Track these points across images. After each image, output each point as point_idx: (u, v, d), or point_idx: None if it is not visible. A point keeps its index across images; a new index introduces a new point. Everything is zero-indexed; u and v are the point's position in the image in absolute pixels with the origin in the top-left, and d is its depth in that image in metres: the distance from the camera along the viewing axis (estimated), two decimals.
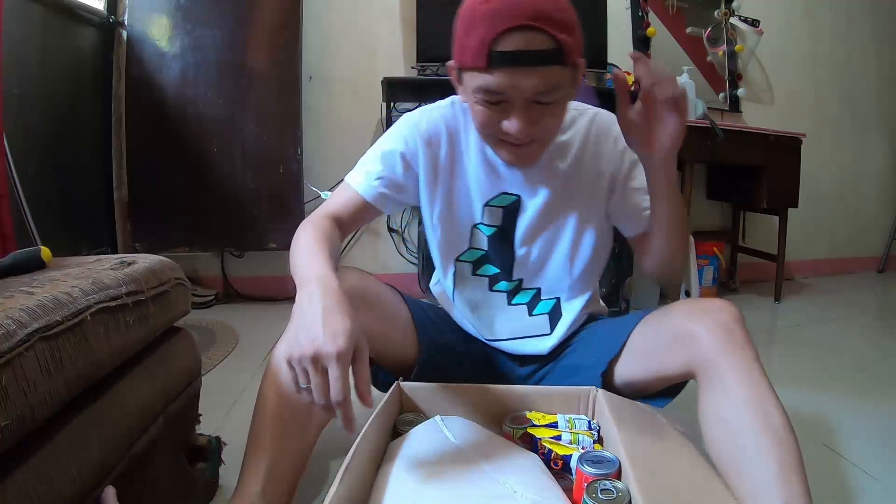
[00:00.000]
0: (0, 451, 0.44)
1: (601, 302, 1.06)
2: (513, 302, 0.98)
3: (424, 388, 0.86)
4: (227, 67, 2.06)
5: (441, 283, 1.01)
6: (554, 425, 0.80)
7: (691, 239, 2.31)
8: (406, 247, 2.37)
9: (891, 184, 3.20)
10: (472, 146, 0.89)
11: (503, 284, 0.97)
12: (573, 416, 0.82)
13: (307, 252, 0.73)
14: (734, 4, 2.65)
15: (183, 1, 2.02)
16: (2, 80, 1.38)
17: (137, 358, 0.70)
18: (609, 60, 2.39)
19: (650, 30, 2.50)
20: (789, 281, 2.83)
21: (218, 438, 0.91)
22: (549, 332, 0.99)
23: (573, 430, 0.78)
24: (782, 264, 2.44)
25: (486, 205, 0.90)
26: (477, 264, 0.96)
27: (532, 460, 0.71)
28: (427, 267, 1.18)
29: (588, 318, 1.02)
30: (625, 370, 0.87)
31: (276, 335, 0.65)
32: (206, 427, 0.94)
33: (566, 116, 0.83)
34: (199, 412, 0.90)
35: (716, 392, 0.70)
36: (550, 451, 0.75)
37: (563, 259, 0.93)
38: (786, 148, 2.37)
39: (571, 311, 0.98)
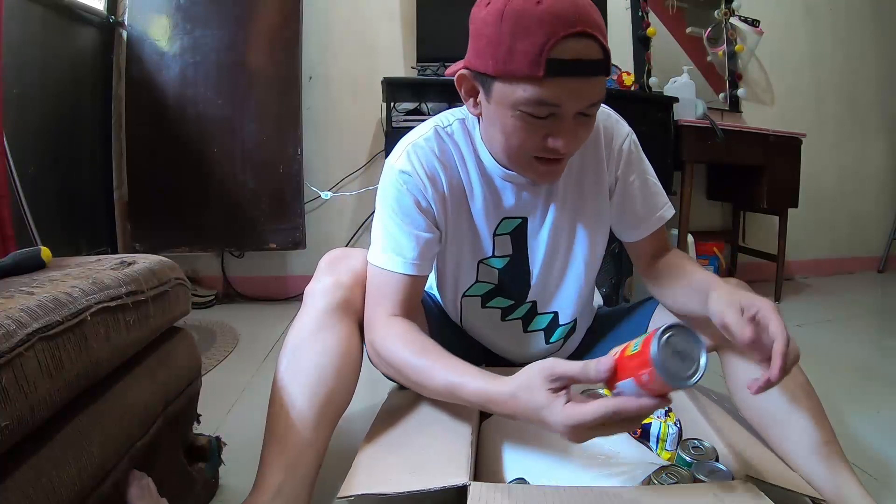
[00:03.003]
0: (0, 451, 0.44)
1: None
2: (529, 329, 0.94)
3: (500, 371, 0.91)
4: (227, 67, 2.06)
5: (448, 313, 0.98)
6: None
7: (691, 238, 2.32)
8: None
9: (891, 184, 3.20)
10: (473, 174, 0.82)
11: (518, 312, 0.93)
12: None
13: (427, 371, 0.70)
14: (734, 4, 2.65)
15: (183, 1, 2.01)
16: (2, 80, 1.38)
17: (137, 358, 0.70)
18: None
19: (650, 30, 2.50)
20: (789, 281, 2.82)
21: (218, 438, 0.91)
22: (559, 348, 0.98)
23: None
24: (782, 264, 2.44)
25: (494, 235, 0.85)
26: (486, 297, 0.92)
27: None
28: None
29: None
30: None
31: (277, 335, 0.66)
32: (206, 427, 0.93)
33: None
34: (199, 412, 0.90)
35: (747, 358, 0.79)
36: None
37: (579, 273, 0.90)
38: (786, 148, 2.37)
39: (584, 324, 0.99)
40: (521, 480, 0.67)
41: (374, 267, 0.79)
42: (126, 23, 2.02)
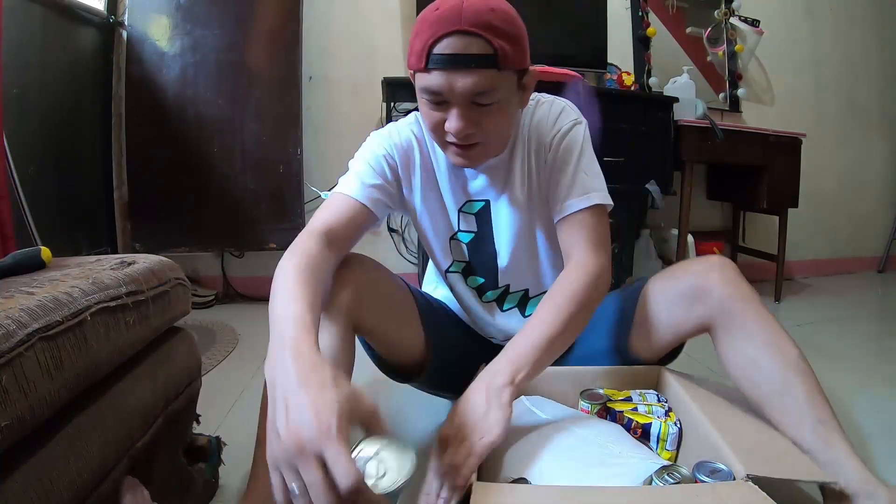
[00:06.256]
0: (0, 451, 0.44)
1: None
2: (504, 308, 0.99)
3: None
4: (227, 67, 2.06)
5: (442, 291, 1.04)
6: (629, 399, 0.87)
7: (691, 239, 2.31)
8: (406, 247, 2.38)
9: (891, 184, 3.20)
10: (440, 156, 0.90)
11: (489, 294, 0.98)
12: (642, 391, 0.90)
13: (282, 297, 0.63)
14: (734, 4, 2.65)
15: (183, 1, 2.02)
16: (2, 80, 1.38)
17: (137, 358, 0.70)
18: (609, 60, 2.40)
19: (650, 30, 2.50)
20: (789, 281, 2.82)
21: (218, 439, 0.91)
22: None
23: (646, 403, 0.86)
24: (782, 264, 2.44)
25: (460, 211, 0.92)
26: (465, 275, 0.98)
27: (618, 429, 0.79)
28: (425, 267, 1.18)
29: None
30: (641, 340, 0.92)
31: None
32: (206, 427, 0.94)
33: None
34: (199, 412, 0.90)
35: (738, 338, 0.80)
36: (631, 420, 0.82)
37: (544, 257, 0.95)
38: (786, 148, 2.37)
39: None
40: (523, 480, 0.67)
41: (331, 194, 0.86)
42: (126, 23, 2.02)
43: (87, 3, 1.93)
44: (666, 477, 0.66)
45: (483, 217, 0.92)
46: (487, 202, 0.91)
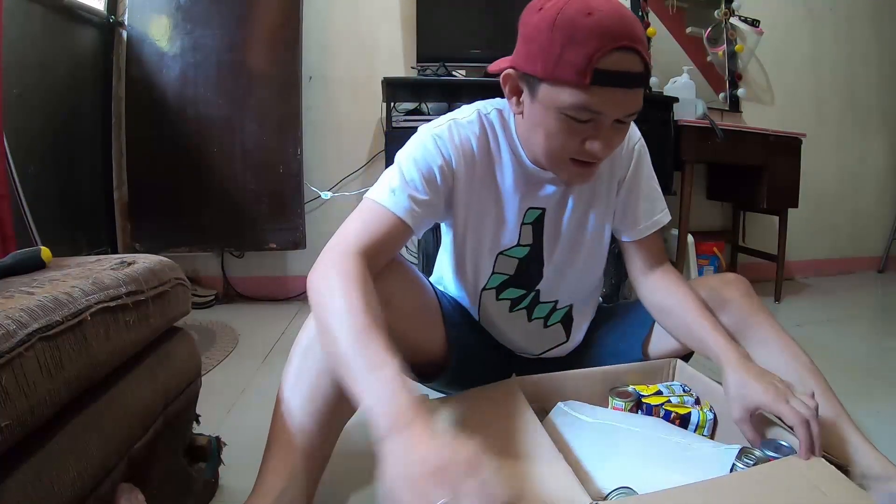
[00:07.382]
0: (0, 451, 0.44)
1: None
2: (532, 318, 0.97)
3: (530, 380, 0.89)
4: (227, 67, 2.06)
5: (469, 309, 0.99)
6: (659, 393, 0.89)
7: (691, 239, 2.31)
8: (406, 247, 2.38)
9: (891, 184, 3.20)
10: (507, 162, 0.84)
11: (524, 302, 0.95)
12: (667, 383, 0.92)
13: (354, 339, 0.59)
14: (734, 4, 2.65)
15: (183, 1, 2.02)
16: (2, 80, 1.38)
17: (137, 358, 0.70)
18: None
19: (650, 30, 2.50)
20: (789, 281, 2.82)
21: (218, 439, 0.91)
22: (565, 339, 1.00)
23: (677, 395, 0.88)
24: (782, 264, 2.44)
25: (522, 224, 0.87)
26: (500, 289, 0.94)
27: (663, 422, 0.81)
28: (427, 267, 1.18)
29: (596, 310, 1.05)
30: (659, 345, 0.96)
31: (276, 335, 0.66)
32: (206, 427, 0.93)
33: None
34: (199, 412, 0.90)
35: (755, 347, 0.86)
36: (670, 412, 0.85)
37: (583, 265, 0.93)
38: (786, 148, 2.37)
39: (584, 313, 1.00)
40: (628, 489, 0.65)
41: (368, 200, 0.77)
42: (126, 23, 2.02)
43: (87, 3, 1.93)
44: (745, 459, 0.68)
45: (537, 226, 0.88)
46: (543, 210, 0.87)
